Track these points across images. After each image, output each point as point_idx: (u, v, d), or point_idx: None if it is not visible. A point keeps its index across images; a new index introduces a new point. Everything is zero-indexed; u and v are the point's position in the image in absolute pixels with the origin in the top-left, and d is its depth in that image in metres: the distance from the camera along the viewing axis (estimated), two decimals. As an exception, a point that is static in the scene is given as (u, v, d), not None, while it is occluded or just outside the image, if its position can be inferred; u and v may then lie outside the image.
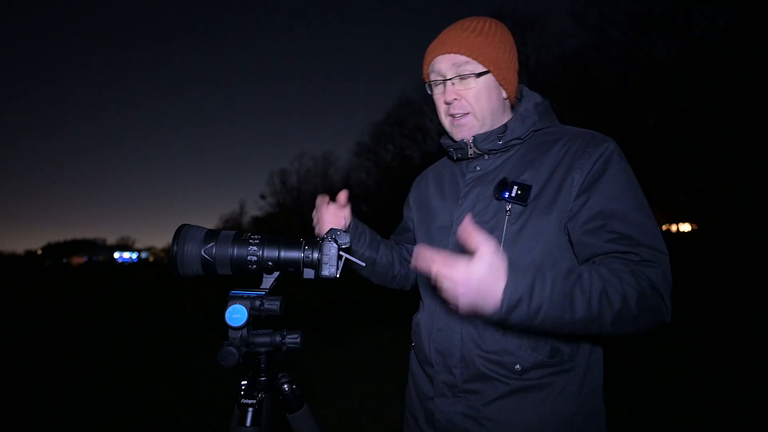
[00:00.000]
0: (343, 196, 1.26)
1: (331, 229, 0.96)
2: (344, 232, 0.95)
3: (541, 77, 22.67)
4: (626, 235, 0.91)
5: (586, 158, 0.98)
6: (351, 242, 1.14)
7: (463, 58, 1.04)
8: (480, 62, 1.04)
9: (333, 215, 1.25)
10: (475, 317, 0.82)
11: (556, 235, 0.99)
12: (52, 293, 18.10)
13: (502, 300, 0.76)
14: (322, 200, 1.28)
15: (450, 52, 1.05)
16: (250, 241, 0.93)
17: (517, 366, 0.98)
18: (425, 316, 1.15)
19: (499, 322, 0.80)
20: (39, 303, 13.99)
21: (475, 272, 0.75)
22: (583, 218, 0.95)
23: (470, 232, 0.76)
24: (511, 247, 1.01)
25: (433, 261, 0.78)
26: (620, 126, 18.02)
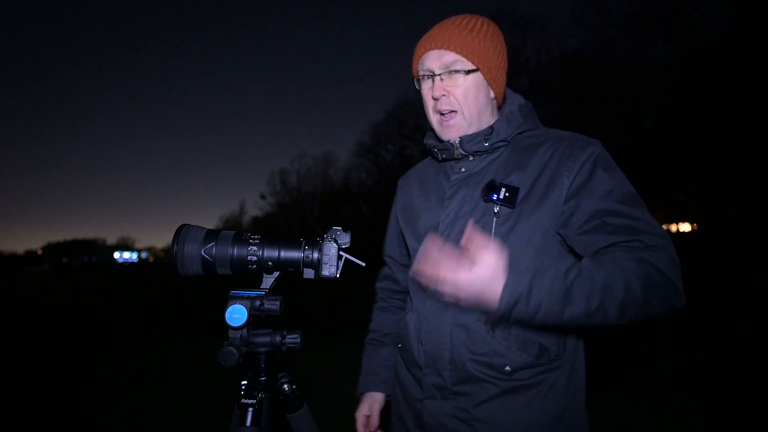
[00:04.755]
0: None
1: (331, 228, 0.95)
2: (344, 232, 0.95)
3: (541, 77, 22.67)
4: (625, 227, 0.93)
5: (573, 161, 1.00)
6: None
7: (452, 55, 1.04)
8: (470, 60, 1.04)
9: None
10: (477, 311, 0.87)
11: (544, 238, 1.01)
12: (52, 293, 18.10)
13: (501, 300, 0.79)
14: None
15: (440, 48, 1.04)
16: (250, 241, 0.93)
17: (507, 367, 0.99)
18: (413, 318, 1.14)
19: (501, 319, 0.85)
20: (39, 303, 13.99)
21: (477, 277, 0.78)
22: (580, 221, 0.97)
23: (472, 237, 0.79)
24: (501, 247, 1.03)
25: (436, 267, 0.80)
26: (620, 126, 18.04)
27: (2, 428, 3.66)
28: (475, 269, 0.78)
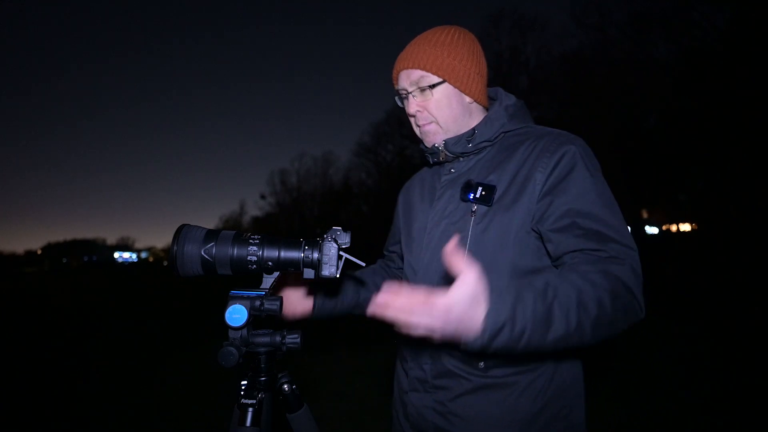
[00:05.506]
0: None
1: (331, 228, 0.95)
2: (344, 232, 0.95)
3: (541, 77, 22.67)
4: (594, 232, 0.92)
5: (548, 158, 1.00)
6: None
7: (417, 72, 1.09)
8: (434, 73, 1.08)
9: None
10: (453, 345, 0.77)
11: (519, 235, 1.01)
12: (52, 293, 18.10)
13: (484, 327, 0.71)
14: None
15: (407, 68, 1.10)
16: (250, 241, 0.93)
17: (481, 363, 1.01)
18: None
19: (480, 350, 0.74)
20: (39, 303, 13.98)
21: (457, 299, 0.69)
22: (552, 217, 0.97)
23: (452, 256, 0.70)
24: (477, 247, 1.03)
25: (408, 298, 0.71)
26: (620, 126, 18.05)
27: (2, 428, 3.66)
28: (455, 290, 0.69)
